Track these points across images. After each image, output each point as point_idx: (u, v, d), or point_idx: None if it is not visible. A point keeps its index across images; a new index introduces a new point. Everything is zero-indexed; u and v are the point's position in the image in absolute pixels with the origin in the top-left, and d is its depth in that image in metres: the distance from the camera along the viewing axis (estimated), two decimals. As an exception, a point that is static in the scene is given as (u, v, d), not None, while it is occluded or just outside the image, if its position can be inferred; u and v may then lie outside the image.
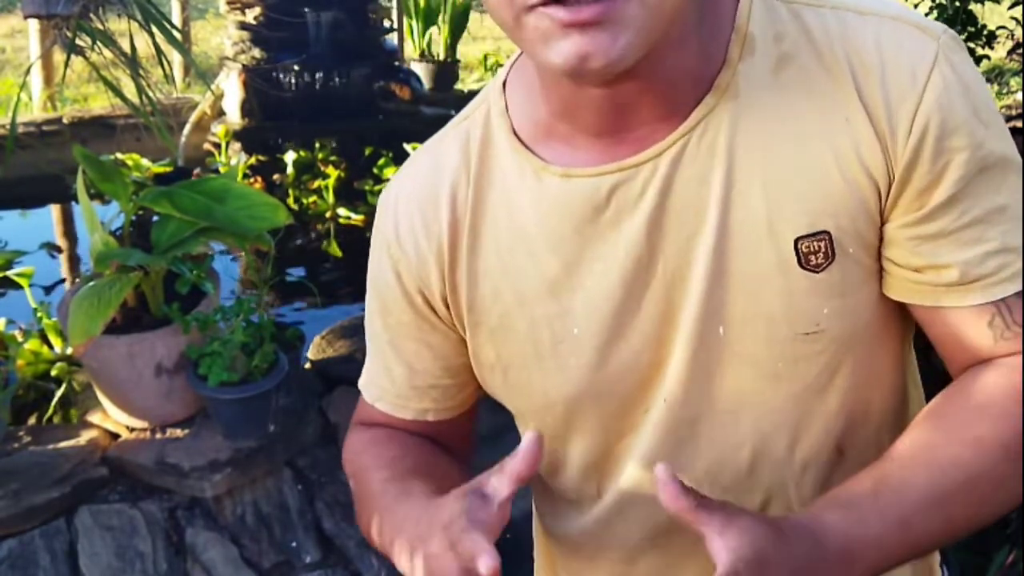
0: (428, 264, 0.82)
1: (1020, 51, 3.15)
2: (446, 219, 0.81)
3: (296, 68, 4.47)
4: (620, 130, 0.74)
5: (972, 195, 0.70)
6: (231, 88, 4.48)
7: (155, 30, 2.70)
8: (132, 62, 2.68)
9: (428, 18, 6.13)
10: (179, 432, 2.37)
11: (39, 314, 2.68)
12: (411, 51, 6.27)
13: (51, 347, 2.65)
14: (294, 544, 2.23)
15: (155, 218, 2.37)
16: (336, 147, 4.51)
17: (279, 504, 2.31)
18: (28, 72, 4.38)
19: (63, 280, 3.70)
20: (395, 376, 0.89)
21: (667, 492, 0.62)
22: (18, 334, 2.61)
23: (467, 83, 6.56)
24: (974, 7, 2.99)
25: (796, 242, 0.72)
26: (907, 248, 0.73)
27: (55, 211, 4.38)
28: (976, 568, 1.78)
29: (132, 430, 2.39)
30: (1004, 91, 6.42)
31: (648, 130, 0.73)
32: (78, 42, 2.61)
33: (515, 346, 0.81)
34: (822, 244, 0.72)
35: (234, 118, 4.48)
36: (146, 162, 2.94)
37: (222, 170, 3.92)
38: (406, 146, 3.55)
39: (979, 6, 2.97)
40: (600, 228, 0.76)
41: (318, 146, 4.39)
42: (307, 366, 2.76)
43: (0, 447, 2.27)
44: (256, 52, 4.46)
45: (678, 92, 0.72)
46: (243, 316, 2.31)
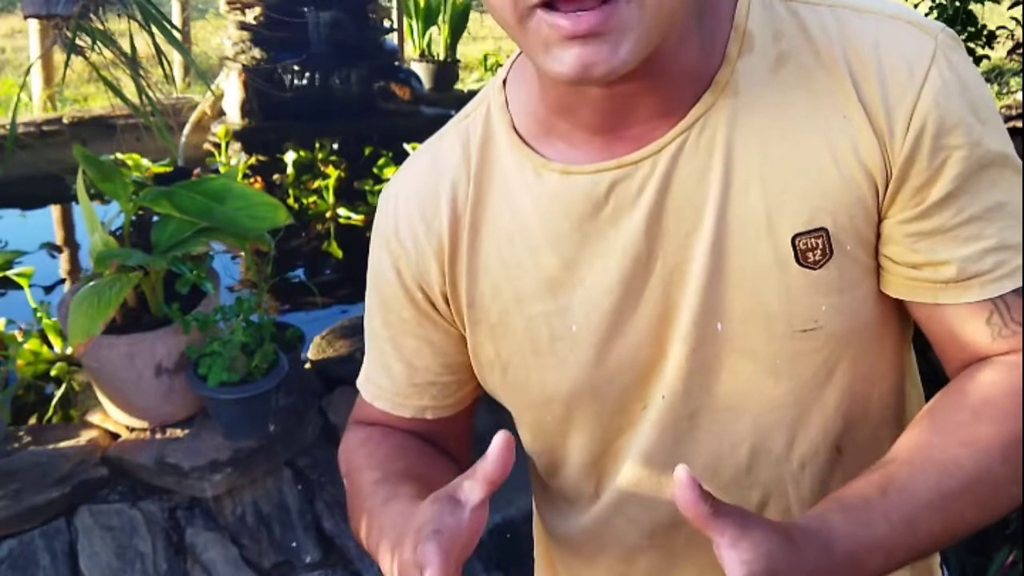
0: (428, 260, 0.82)
1: (1020, 51, 3.15)
2: (446, 216, 0.81)
3: (296, 68, 4.47)
4: (619, 127, 0.74)
5: (970, 192, 0.70)
6: (231, 88, 4.48)
7: (155, 30, 2.69)
8: (132, 62, 2.68)
9: (428, 18, 6.13)
10: (179, 432, 2.37)
11: (39, 314, 2.68)
12: (411, 51, 6.27)
13: (51, 347, 2.65)
14: (294, 544, 2.23)
15: (155, 218, 2.37)
16: (336, 147, 4.51)
17: (279, 504, 2.31)
18: (28, 72, 4.37)
19: (63, 280, 3.70)
20: (394, 374, 0.89)
21: (686, 497, 0.61)
22: (18, 334, 2.61)
23: (467, 83, 6.56)
24: (974, 7, 2.99)
25: (794, 239, 0.72)
26: (905, 245, 0.73)
27: (55, 211, 4.38)
28: (976, 568, 1.78)
29: (132, 430, 2.39)
30: (1004, 91, 6.42)
31: (647, 127, 0.73)
32: (78, 42, 2.61)
33: (514, 343, 0.82)
34: (819, 241, 0.72)
35: (234, 118, 4.48)
36: (146, 162, 2.93)
37: (222, 170, 3.92)
38: (406, 146, 3.54)
39: (979, 6, 2.97)
40: (599, 225, 0.76)
41: (318, 146, 4.39)
42: (307, 366, 2.76)
43: (0, 447, 2.27)
44: (256, 52, 4.46)
45: (677, 90, 0.72)
46: (243, 316, 2.31)
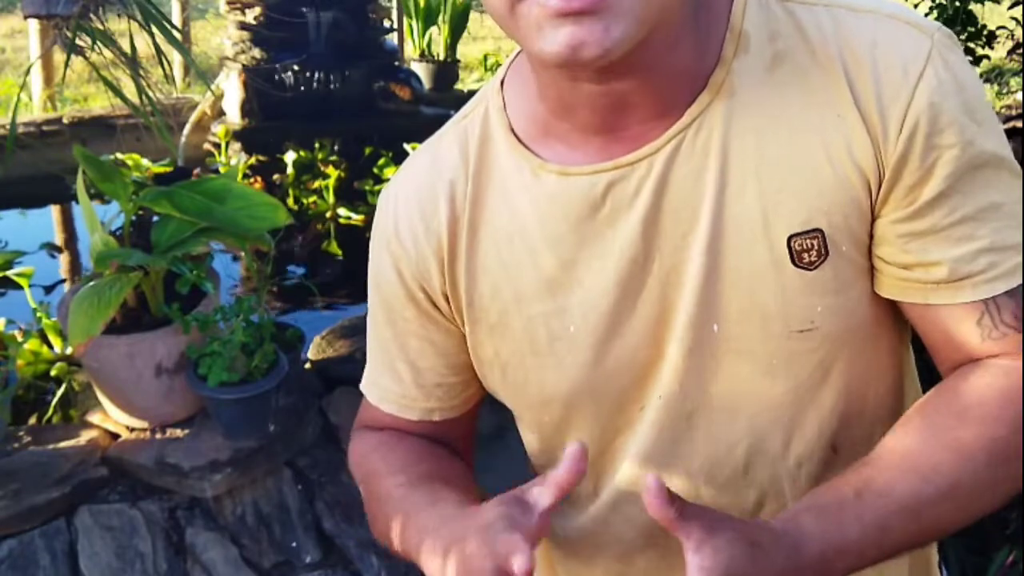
0: (428, 260, 0.83)
1: (1020, 51, 3.15)
2: (445, 216, 0.81)
3: (296, 68, 4.47)
4: (616, 128, 0.74)
5: (962, 192, 0.70)
6: (231, 88, 4.48)
7: (155, 30, 2.69)
8: (132, 62, 2.68)
9: (428, 18, 6.13)
10: (179, 432, 2.37)
11: (39, 314, 2.68)
12: (411, 51, 6.27)
13: (51, 347, 2.65)
14: (294, 544, 2.23)
15: (155, 218, 2.37)
16: (336, 147, 4.51)
17: (279, 504, 2.31)
18: (28, 72, 4.37)
19: (63, 280, 3.70)
20: (400, 376, 0.89)
21: (654, 502, 0.63)
22: (18, 334, 2.61)
23: (467, 83, 6.56)
24: (974, 7, 2.99)
25: (789, 240, 0.72)
26: (896, 245, 0.73)
27: (55, 211, 4.38)
28: (976, 568, 1.78)
29: (132, 430, 2.39)
30: (1004, 91, 6.42)
31: (644, 128, 0.73)
32: (78, 42, 2.61)
33: (513, 343, 0.82)
34: (815, 242, 0.72)
35: (234, 118, 4.47)
36: (146, 162, 2.93)
37: (222, 170, 3.92)
38: (406, 146, 3.54)
39: (979, 6, 2.97)
40: (596, 226, 0.76)
41: (318, 146, 4.39)
42: (307, 366, 2.76)
43: (0, 447, 2.27)
44: (256, 52, 4.46)
45: (673, 90, 0.72)
46: (243, 316, 2.31)
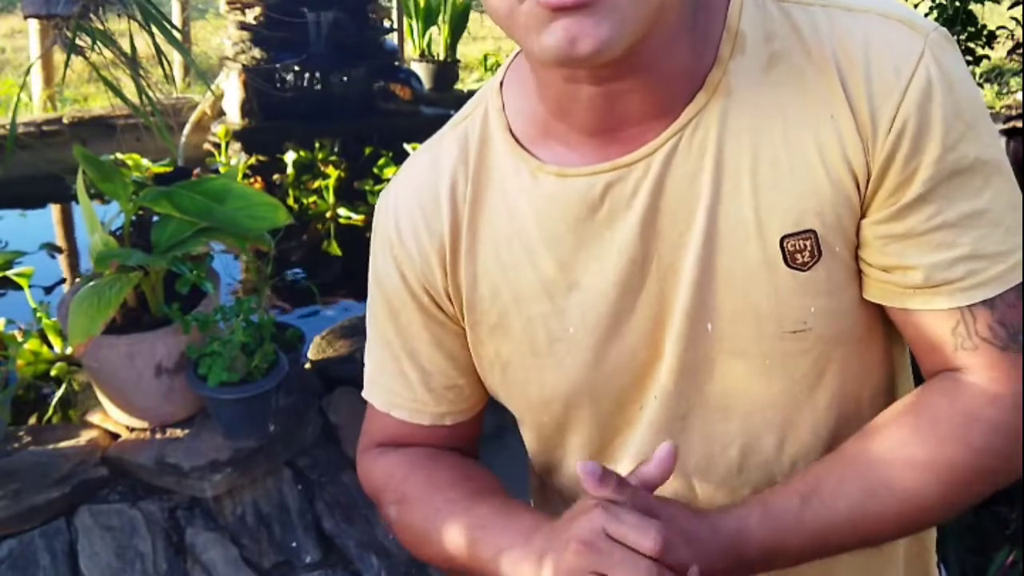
0: (431, 262, 0.83)
1: (1020, 51, 3.15)
2: (447, 217, 0.81)
3: (296, 68, 4.47)
4: (613, 128, 0.74)
5: (945, 198, 0.70)
6: (231, 88, 4.48)
7: (155, 30, 2.69)
8: (132, 62, 2.68)
9: (428, 18, 6.13)
10: (179, 432, 2.37)
11: (39, 314, 2.68)
12: (411, 51, 6.27)
13: (51, 347, 2.65)
14: (294, 544, 2.23)
15: (155, 218, 2.37)
16: (336, 147, 4.51)
17: (279, 504, 2.31)
18: (28, 72, 4.37)
19: (63, 280, 3.70)
20: (410, 380, 0.88)
21: (589, 481, 0.69)
22: (18, 334, 2.61)
23: (467, 83, 6.56)
24: (974, 7, 2.99)
25: (782, 240, 0.72)
26: (876, 247, 0.73)
27: (55, 211, 4.38)
28: (976, 568, 1.78)
29: (132, 430, 2.39)
30: (1004, 91, 6.42)
31: (641, 128, 0.73)
32: (78, 42, 2.61)
33: (513, 344, 0.82)
34: (808, 243, 0.72)
35: (234, 118, 4.48)
36: (146, 162, 2.93)
37: (222, 170, 3.92)
38: (406, 146, 3.54)
39: (979, 6, 2.97)
40: (595, 227, 0.76)
41: (318, 146, 4.39)
42: (307, 366, 2.76)
43: (0, 447, 2.27)
44: (256, 52, 4.46)
45: (670, 90, 0.72)
46: (243, 316, 2.31)
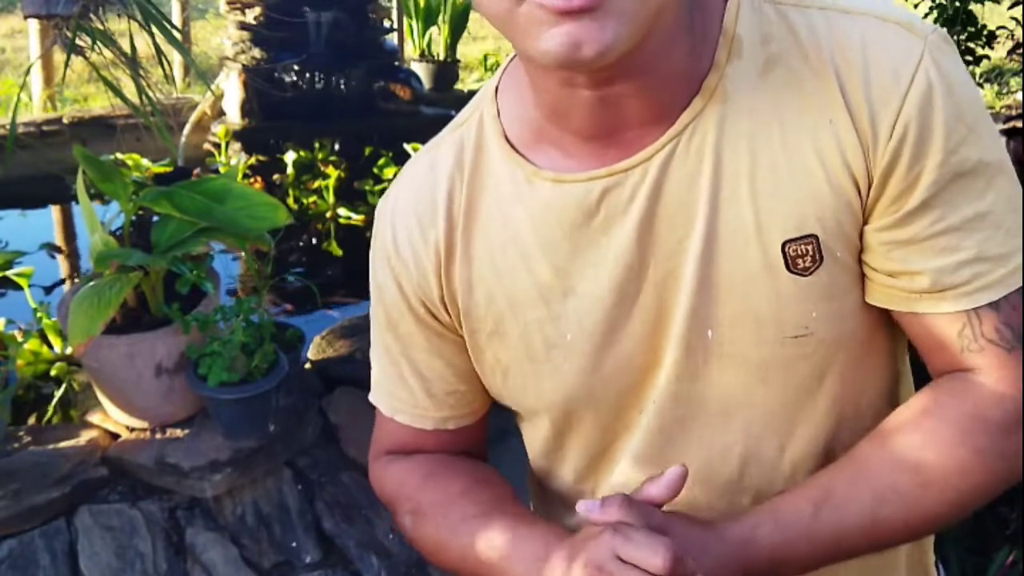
0: (427, 273, 0.82)
1: (1020, 51, 3.14)
2: (442, 225, 0.81)
3: (296, 68, 4.47)
4: (610, 133, 0.73)
5: (948, 202, 0.70)
6: (231, 88, 4.47)
7: (155, 30, 2.69)
8: (132, 62, 2.68)
9: (428, 18, 6.13)
10: (179, 432, 2.37)
11: (39, 314, 2.68)
12: (411, 51, 6.27)
13: (51, 347, 2.65)
14: (294, 544, 2.23)
15: (155, 218, 2.37)
16: (336, 147, 4.51)
17: (279, 504, 2.31)
18: (28, 72, 4.37)
19: (63, 280, 3.70)
20: (411, 387, 0.88)
21: (594, 517, 0.71)
22: (18, 334, 2.61)
23: (467, 83, 6.56)
24: (974, 7, 2.99)
25: (784, 245, 0.72)
26: (880, 253, 0.72)
27: (55, 211, 4.38)
28: (976, 568, 1.78)
29: (132, 430, 2.39)
30: (1004, 91, 6.42)
31: (637, 133, 0.73)
32: (78, 42, 2.61)
33: (510, 351, 0.82)
34: (809, 247, 0.72)
35: (234, 118, 4.47)
36: (146, 162, 2.94)
37: (222, 170, 3.92)
38: (406, 146, 3.55)
39: (979, 6, 2.97)
40: (591, 233, 0.76)
41: (318, 146, 4.39)
42: (307, 366, 2.76)
43: (0, 447, 2.27)
44: (256, 52, 4.46)
45: (667, 95, 0.72)
46: (243, 316, 2.31)
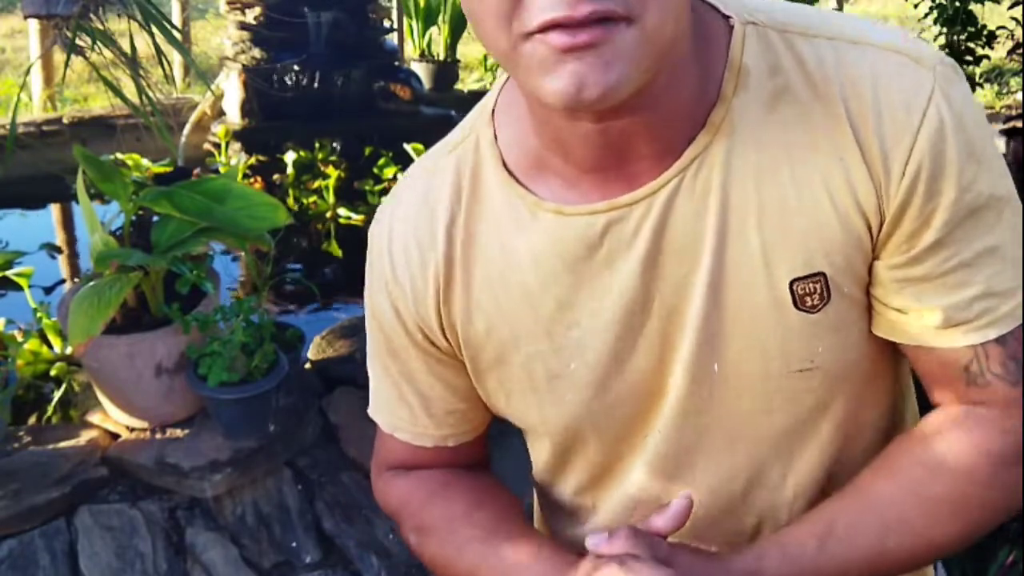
0: (426, 300, 0.81)
1: (1020, 51, 3.14)
2: (441, 252, 0.79)
3: (296, 68, 4.47)
4: (614, 166, 0.72)
5: (960, 239, 0.69)
6: (231, 88, 4.47)
7: (155, 30, 2.69)
8: (132, 62, 2.68)
9: (428, 18, 6.13)
10: (179, 432, 2.37)
11: (39, 314, 2.68)
12: (411, 51, 6.26)
13: (51, 347, 2.65)
14: (294, 544, 2.23)
15: (155, 218, 2.37)
16: (336, 147, 4.51)
17: (279, 504, 2.31)
18: (28, 72, 4.37)
19: (63, 280, 3.69)
20: (411, 406, 0.88)
21: (602, 550, 0.72)
22: (18, 334, 2.61)
23: (467, 83, 6.56)
24: (974, 7, 2.98)
25: (792, 284, 0.71)
26: (892, 289, 0.72)
27: (55, 211, 4.38)
28: (976, 568, 1.78)
29: (132, 430, 2.39)
30: (1004, 91, 6.42)
31: (642, 167, 0.71)
32: (78, 42, 2.61)
33: (512, 380, 0.81)
34: (818, 286, 0.71)
35: (234, 118, 4.47)
36: (146, 162, 2.94)
37: (222, 170, 3.92)
38: (406, 146, 3.55)
39: (979, 6, 2.97)
40: (594, 267, 0.74)
41: (318, 146, 4.39)
42: (307, 366, 2.76)
43: (0, 447, 2.27)
44: (256, 52, 4.45)
45: (672, 129, 0.70)
46: (243, 316, 2.31)
